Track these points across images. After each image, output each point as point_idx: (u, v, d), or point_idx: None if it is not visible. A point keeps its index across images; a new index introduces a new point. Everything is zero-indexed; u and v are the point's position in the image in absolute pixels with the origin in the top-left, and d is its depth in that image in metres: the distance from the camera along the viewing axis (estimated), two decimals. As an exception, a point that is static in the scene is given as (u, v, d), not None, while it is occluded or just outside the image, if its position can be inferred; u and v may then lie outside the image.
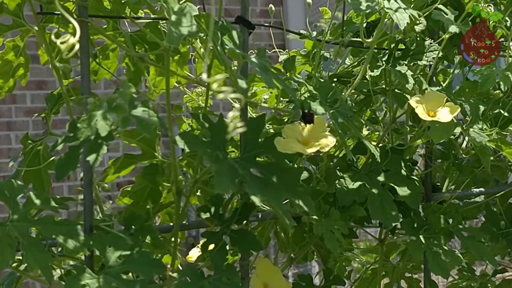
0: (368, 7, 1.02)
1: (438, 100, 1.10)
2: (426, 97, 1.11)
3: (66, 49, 0.71)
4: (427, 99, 1.10)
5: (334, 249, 1.07)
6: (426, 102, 1.10)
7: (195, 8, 0.94)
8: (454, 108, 1.08)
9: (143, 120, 0.86)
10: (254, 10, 4.76)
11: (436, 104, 1.09)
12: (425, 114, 1.08)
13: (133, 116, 0.87)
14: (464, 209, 1.31)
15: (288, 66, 1.19)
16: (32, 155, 1.04)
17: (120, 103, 0.86)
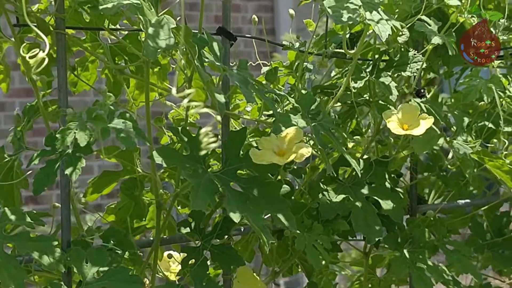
0: (350, 18, 1.01)
1: (413, 113, 1.08)
2: (401, 110, 1.09)
3: (35, 63, 0.70)
4: (402, 112, 1.09)
5: (316, 264, 1.06)
6: (402, 115, 1.08)
7: (173, 20, 0.93)
8: (428, 119, 1.07)
9: (123, 131, 0.84)
10: (245, 17, 4.76)
11: (411, 117, 1.07)
12: (398, 128, 1.06)
13: (112, 128, 0.86)
14: (449, 222, 1.29)
15: (270, 78, 1.17)
16: (6, 169, 1.03)
17: (100, 114, 0.85)
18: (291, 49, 1.18)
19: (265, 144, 1.01)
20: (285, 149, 1.01)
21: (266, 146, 1.01)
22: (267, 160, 0.99)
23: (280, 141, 1.01)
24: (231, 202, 0.95)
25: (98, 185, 1.15)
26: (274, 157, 0.99)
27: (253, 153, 0.99)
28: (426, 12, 1.18)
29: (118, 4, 0.92)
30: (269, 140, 1.01)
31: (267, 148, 1.01)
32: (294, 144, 1.01)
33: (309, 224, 1.10)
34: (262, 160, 0.99)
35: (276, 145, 1.01)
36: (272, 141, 1.01)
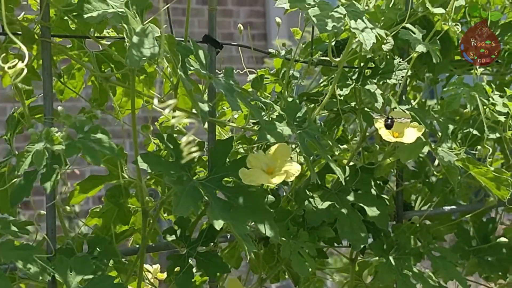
0: (334, 27, 1.02)
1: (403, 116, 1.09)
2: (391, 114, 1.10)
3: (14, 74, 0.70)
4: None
5: (301, 271, 1.06)
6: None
7: (157, 29, 0.93)
8: (419, 128, 1.08)
9: (90, 148, 0.85)
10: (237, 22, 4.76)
11: (402, 125, 1.08)
12: (389, 135, 1.07)
13: (81, 144, 0.86)
14: (435, 228, 1.30)
15: (256, 86, 1.18)
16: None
17: (57, 136, 0.85)
18: (277, 56, 1.19)
19: (253, 162, 1.01)
20: (273, 167, 1.01)
21: (254, 164, 1.01)
22: (256, 181, 0.99)
23: (268, 159, 1.01)
24: (214, 210, 0.95)
25: (84, 188, 1.15)
26: (263, 176, 0.99)
27: (242, 173, 0.99)
28: (411, 20, 1.19)
29: (103, 12, 0.92)
30: (257, 157, 1.01)
31: (256, 166, 1.01)
32: (283, 161, 1.01)
33: (294, 231, 1.11)
34: (251, 180, 0.99)
35: (264, 163, 1.01)
36: (260, 159, 1.01)
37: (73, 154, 0.88)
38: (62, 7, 0.96)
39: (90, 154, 0.87)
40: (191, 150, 0.71)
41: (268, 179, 0.98)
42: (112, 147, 0.88)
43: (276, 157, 1.00)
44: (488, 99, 1.16)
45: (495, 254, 1.38)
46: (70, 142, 0.88)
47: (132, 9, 0.95)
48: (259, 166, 1.00)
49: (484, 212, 1.47)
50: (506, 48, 1.34)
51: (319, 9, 1.04)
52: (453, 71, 1.39)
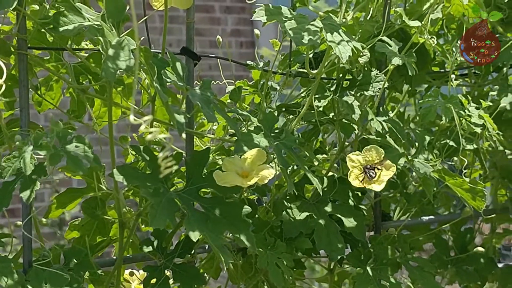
0: (310, 40, 1.02)
1: (377, 154, 1.08)
2: (365, 153, 1.09)
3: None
4: (365, 155, 1.08)
5: (278, 283, 1.06)
6: (365, 158, 1.08)
7: (133, 42, 0.93)
8: (391, 168, 1.06)
9: (74, 156, 0.85)
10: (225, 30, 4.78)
11: (375, 159, 1.07)
12: (357, 180, 1.06)
13: (64, 152, 0.86)
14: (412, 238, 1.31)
15: (234, 97, 1.19)
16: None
17: (46, 141, 0.85)
18: (255, 68, 1.20)
19: (228, 165, 1.01)
20: (248, 171, 1.01)
21: (229, 168, 1.01)
22: (230, 183, 0.99)
23: (243, 163, 1.01)
24: (191, 221, 0.96)
25: (61, 202, 1.15)
26: (237, 179, 1.00)
27: (217, 175, 1.00)
28: (389, 33, 1.21)
29: (79, 25, 0.92)
30: (232, 161, 1.02)
31: (230, 169, 1.01)
32: (257, 166, 1.01)
33: (272, 242, 1.11)
34: (225, 182, 0.99)
35: (239, 167, 1.02)
36: (235, 163, 1.02)
37: (57, 162, 0.88)
38: (39, 19, 0.96)
39: (74, 162, 0.87)
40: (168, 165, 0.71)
41: (242, 181, 0.98)
42: (95, 157, 0.88)
43: (251, 161, 1.01)
44: (464, 111, 1.18)
45: (473, 263, 1.40)
46: (55, 151, 0.88)
47: (108, 22, 0.96)
48: (233, 170, 1.00)
49: (463, 222, 1.48)
50: (483, 60, 1.35)
51: (296, 22, 1.05)
52: (432, 82, 1.40)
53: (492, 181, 1.49)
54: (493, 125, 1.20)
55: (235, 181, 0.98)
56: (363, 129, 1.23)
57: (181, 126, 0.93)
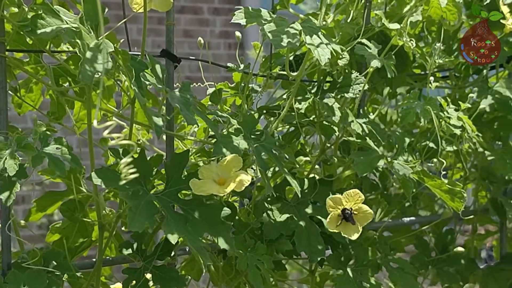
0: (289, 43, 1.03)
1: (357, 200, 1.08)
2: (345, 197, 1.08)
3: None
4: (346, 199, 1.08)
5: (257, 284, 1.07)
6: (346, 201, 1.08)
7: (111, 44, 0.93)
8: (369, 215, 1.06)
9: (55, 158, 0.85)
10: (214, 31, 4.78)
11: (355, 203, 1.07)
12: (334, 224, 1.07)
13: (45, 154, 0.86)
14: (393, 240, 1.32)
15: (214, 99, 1.19)
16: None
17: (29, 142, 0.85)
18: (235, 70, 1.20)
19: (205, 173, 1.01)
20: (225, 177, 1.01)
21: (206, 175, 1.01)
22: (206, 191, 0.99)
23: (220, 169, 1.01)
24: (169, 223, 0.96)
25: (41, 205, 1.15)
26: (214, 186, 0.99)
27: (193, 183, 0.99)
28: (369, 35, 1.21)
29: (57, 28, 0.92)
30: (209, 168, 1.02)
31: (207, 177, 1.01)
32: (234, 172, 1.01)
33: (252, 244, 1.11)
34: (201, 191, 0.99)
35: (216, 174, 1.01)
36: (212, 170, 1.01)
37: (39, 163, 0.88)
38: (17, 22, 0.96)
39: (56, 164, 0.87)
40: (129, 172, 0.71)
41: (218, 189, 0.98)
42: (76, 158, 0.88)
43: (228, 167, 1.01)
44: (443, 113, 1.18)
45: (454, 264, 1.41)
46: (37, 153, 0.88)
47: (87, 24, 0.96)
48: (210, 177, 1.00)
49: (444, 223, 1.49)
50: (463, 62, 1.36)
51: (275, 24, 1.05)
52: (413, 84, 1.41)
53: (473, 182, 1.50)
54: (472, 126, 1.21)
55: (212, 189, 0.98)
56: (343, 131, 1.24)
57: (159, 128, 0.93)
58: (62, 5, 0.99)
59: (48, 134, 0.89)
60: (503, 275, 1.46)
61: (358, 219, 1.08)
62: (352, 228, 1.07)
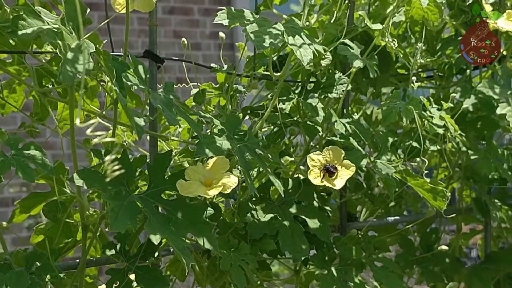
0: (271, 44, 1.03)
1: (338, 155, 1.10)
2: (325, 153, 1.10)
3: None
4: (325, 155, 1.10)
5: (240, 284, 1.07)
6: (325, 157, 1.09)
7: (93, 45, 0.93)
8: (351, 168, 1.08)
9: (23, 164, 0.85)
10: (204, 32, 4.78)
11: (335, 158, 1.09)
12: (318, 178, 1.08)
13: (14, 161, 0.86)
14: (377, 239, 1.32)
15: (198, 100, 1.19)
16: None
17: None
18: (219, 71, 1.20)
19: (191, 174, 1.01)
20: (212, 179, 1.02)
21: (192, 176, 1.01)
22: (193, 193, 0.99)
23: (206, 171, 1.02)
24: (152, 224, 0.96)
25: (25, 206, 1.15)
26: (201, 188, 1.00)
27: (180, 184, 1.00)
28: (352, 36, 1.22)
29: (38, 29, 0.92)
30: (196, 170, 1.02)
31: (194, 178, 1.01)
32: (220, 174, 1.01)
33: (235, 244, 1.12)
34: (188, 192, 0.99)
35: (202, 175, 1.02)
36: (198, 171, 1.02)
37: (6, 171, 0.88)
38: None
39: (23, 171, 0.87)
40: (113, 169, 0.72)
41: (205, 190, 0.99)
42: (45, 163, 0.88)
43: (214, 169, 1.01)
44: (426, 112, 1.19)
45: (439, 263, 1.41)
46: (4, 159, 0.88)
47: (68, 25, 0.96)
48: (197, 178, 1.01)
49: (429, 222, 1.50)
50: (446, 62, 1.37)
51: (258, 25, 1.05)
52: (398, 84, 1.42)
53: (457, 181, 1.51)
54: (454, 126, 1.22)
55: (198, 191, 0.98)
56: (327, 131, 1.25)
57: (140, 128, 0.93)
58: (44, 6, 0.99)
59: (20, 139, 0.89)
60: (488, 274, 1.47)
61: (341, 172, 1.09)
62: (335, 179, 1.08)
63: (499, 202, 1.43)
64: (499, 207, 1.41)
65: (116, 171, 0.71)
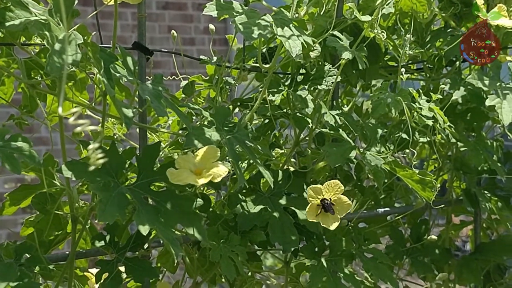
0: (260, 35, 1.03)
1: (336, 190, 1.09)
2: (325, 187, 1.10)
3: None
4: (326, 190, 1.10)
5: (230, 275, 1.07)
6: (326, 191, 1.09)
7: (80, 36, 0.93)
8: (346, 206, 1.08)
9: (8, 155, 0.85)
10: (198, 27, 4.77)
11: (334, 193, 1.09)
12: (313, 214, 1.08)
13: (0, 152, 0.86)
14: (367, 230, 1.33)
15: (187, 91, 1.19)
16: None
17: None
18: (208, 63, 1.20)
19: (181, 163, 1.01)
20: (202, 168, 1.02)
21: (183, 165, 1.01)
22: (183, 181, 0.99)
23: (196, 160, 1.02)
24: (141, 215, 0.96)
25: (15, 198, 1.15)
26: (191, 176, 1.00)
27: (170, 172, 1.00)
28: (341, 28, 1.22)
29: (25, 20, 0.92)
30: (186, 158, 1.02)
31: (184, 167, 1.01)
32: (210, 163, 1.02)
33: (225, 235, 1.12)
34: (178, 180, 0.99)
35: (193, 164, 1.02)
36: (189, 160, 1.02)
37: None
38: (-14, 14, 0.95)
39: (10, 162, 0.87)
40: (97, 157, 0.72)
41: (195, 179, 0.99)
42: (32, 155, 0.88)
43: (204, 159, 1.01)
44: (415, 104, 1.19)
45: (428, 254, 1.42)
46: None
47: (56, 17, 0.96)
48: (187, 167, 1.01)
49: (421, 213, 1.50)
50: (436, 54, 1.38)
51: (246, 16, 1.05)
52: (388, 76, 1.42)
53: (448, 173, 1.52)
54: (443, 117, 1.22)
55: (188, 179, 0.98)
56: (317, 122, 1.25)
57: (128, 120, 0.93)
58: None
59: (6, 131, 0.89)
60: (477, 265, 1.48)
61: (337, 210, 1.09)
62: (330, 218, 1.09)
63: (489, 193, 1.44)
64: (488, 198, 1.42)
65: (100, 160, 0.71)
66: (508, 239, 1.50)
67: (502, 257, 1.50)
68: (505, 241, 1.50)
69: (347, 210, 1.10)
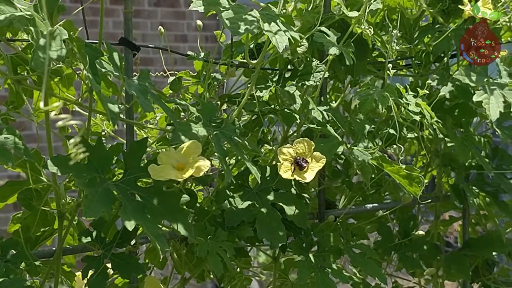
0: (247, 30, 1.03)
1: (308, 147, 1.10)
2: (295, 146, 1.11)
3: None
4: (296, 148, 1.10)
5: (217, 271, 1.07)
6: (295, 150, 1.10)
7: (66, 32, 0.93)
8: (321, 160, 1.09)
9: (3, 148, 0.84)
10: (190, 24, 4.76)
11: (306, 151, 1.09)
12: (288, 172, 1.08)
13: None
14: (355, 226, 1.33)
15: (174, 87, 1.19)
16: None
17: None
18: (196, 59, 1.20)
19: (164, 158, 1.01)
20: (184, 163, 1.02)
21: (165, 161, 1.01)
22: (165, 176, 0.99)
23: (179, 155, 1.01)
24: (127, 211, 0.96)
25: (1, 195, 1.14)
26: (173, 172, 1.00)
27: (152, 168, 0.99)
28: (329, 23, 1.22)
29: (10, 16, 0.92)
30: (168, 154, 1.02)
31: (166, 162, 1.01)
32: (192, 158, 1.02)
33: (212, 231, 1.12)
34: (160, 176, 0.99)
35: (175, 159, 1.02)
36: (171, 156, 1.02)
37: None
38: (-29, 10, 0.95)
39: (3, 154, 0.87)
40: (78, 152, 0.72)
41: (177, 174, 0.99)
42: (18, 146, 0.88)
43: (187, 153, 1.01)
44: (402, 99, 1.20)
45: (417, 250, 1.42)
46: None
47: (42, 12, 0.95)
48: (169, 163, 1.01)
49: (410, 209, 1.51)
50: (424, 50, 1.38)
51: (233, 12, 1.05)
52: (377, 73, 1.42)
53: (436, 169, 1.52)
54: (430, 112, 1.22)
55: (170, 174, 0.98)
56: (305, 118, 1.25)
57: (114, 115, 0.93)
58: (17, -8, 0.98)
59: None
60: (466, 260, 1.48)
61: (311, 165, 1.09)
62: (305, 172, 1.09)
63: (477, 189, 1.44)
64: (476, 194, 1.42)
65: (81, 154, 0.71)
66: (497, 235, 1.50)
67: (490, 253, 1.50)
68: (494, 237, 1.51)
69: (322, 164, 1.10)
